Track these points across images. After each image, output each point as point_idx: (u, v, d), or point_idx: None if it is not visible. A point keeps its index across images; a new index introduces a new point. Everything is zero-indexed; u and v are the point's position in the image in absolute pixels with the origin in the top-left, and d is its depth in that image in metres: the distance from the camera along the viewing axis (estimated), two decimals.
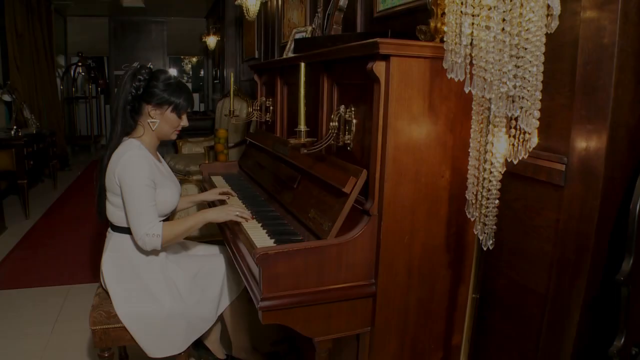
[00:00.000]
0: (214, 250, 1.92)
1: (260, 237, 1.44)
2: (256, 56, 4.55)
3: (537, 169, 1.28)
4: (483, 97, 1.07)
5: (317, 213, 1.37)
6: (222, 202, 1.95)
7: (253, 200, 1.92)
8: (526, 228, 1.36)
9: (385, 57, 1.18)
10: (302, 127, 1.25)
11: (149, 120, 1.66)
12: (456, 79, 1.06)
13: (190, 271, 1.70)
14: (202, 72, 9.90)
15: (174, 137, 1.75)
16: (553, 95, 1.24)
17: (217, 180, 2.39)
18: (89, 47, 8.82)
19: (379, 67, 1.18)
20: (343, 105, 1.38)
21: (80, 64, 8.57)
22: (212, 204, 2.04)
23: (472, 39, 1.04)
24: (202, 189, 2.50)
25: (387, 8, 1.96)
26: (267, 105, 2.32)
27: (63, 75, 8.38)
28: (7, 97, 4.88)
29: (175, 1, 7.66)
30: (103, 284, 1.65)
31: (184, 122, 1.73)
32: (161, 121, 1.67)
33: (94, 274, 3.07)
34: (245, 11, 3.96)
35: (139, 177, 1.52)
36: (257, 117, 2.41)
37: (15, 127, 4.53)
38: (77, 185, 5.81)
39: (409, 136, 1.24)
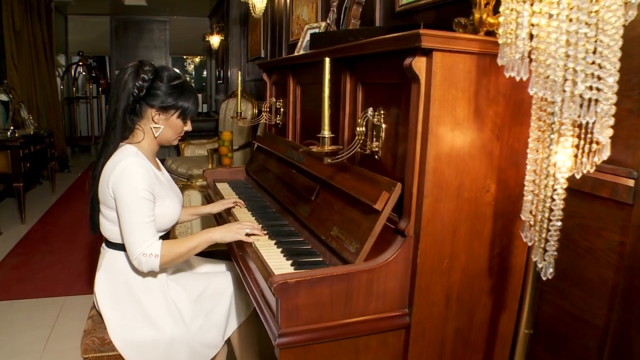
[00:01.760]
0: (220, 268, 1.74)
1: (275, 258, 1.27)
2: (262, 55, 4.38)
3: (597, 184, 1.10)
4: (547, 99, 0.91)
5: (341, 231, 1.19)
6: (229, 214, 1.78)
7: (263, 212, 1.74)
8: (580, 250, 1.19)
9: (427, 52, 1.01)
10: (327, 132, 1.07)
11: (151, 126, 1.48)
12: (517, 78, 0.89)
13: (193, 292, 1.52)
14: (204, 73, 9.74)
15: (175, 142, 1.57)
16: (619, 98, 1.06)
17: (223, 187, 2.22)
18: (90, 46, 8.68)
19: (419, 64, 1.01)
20: (371, 108, 1.21)
21: (81, 63, 8.43)
22: (218, 216, 1.87)
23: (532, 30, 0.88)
24: (206, 196, 2.32)
25: (411, 1, 1.79)
26: (278, 106, 2.15)
27: (63, 75, 8.24)
28: (3, 97, 4.71)
29: (178, 0, 7.51)
30: (96, 307, 1.47)
31: (188, 127, 1.56)
32: (165, 127, 1.49)
33: (90, 284, 2.89)
34: (251, 8, 3.79)
35: (135, 189, 1.34)
36: (266, 120, 2.24)
37: (12, 127, 4.37)
38: (76, 188, 5.64)
39: (451, 144, 1.06)
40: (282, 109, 2.13)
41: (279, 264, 1.22)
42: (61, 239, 3.78)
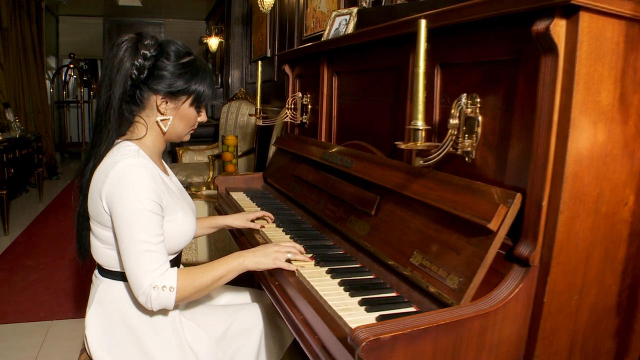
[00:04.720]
0: (244, 297, 1.41)
1: (333, 294, 0.96)
2: (268, 55, 4.09)
3: None
4: None
5: (429, 259, 0.90)
6: (254, 230, 1.47)
7: (298, 228, 1.43)
8: None
9: (568, 14, 0.73)
10: (420, 123, 0.79)
11: (158, 118, 1.15)
12: None
13: (214, 331, 1.20)
14: None
15: (187, 138, 1.24)
16: None
17: (239, 197, 1.91)
18: (82, 49, 8.32)
19: (558, 28, 0.73)
20: (465, 95, 0.92)
21: (72, 66, 8.08)
22: (237, 232, 1.56)
23: None
24: (218, 208, 2.01)
25: None
26: (305, 102, 1.86)
27: (53, 78, 7.88)
28: None
29: (174, 1, 7.21)
30: (88, 351, 1.13)
31: (203, 117, 1.22)
32: (175, 118, 1.16)
33: (79, 306, 2.55)
34: (259, 3, 3.52)
35: (137, 200, 1.02)
36: (290, 118, 1.95)
37: None
38: (66, 197, 5.27)
39: (593, 142, 0.78)
40: (309, 106, 1.85)
41: (342, 302, 0.92)
42: (48, 253, 3.43)
